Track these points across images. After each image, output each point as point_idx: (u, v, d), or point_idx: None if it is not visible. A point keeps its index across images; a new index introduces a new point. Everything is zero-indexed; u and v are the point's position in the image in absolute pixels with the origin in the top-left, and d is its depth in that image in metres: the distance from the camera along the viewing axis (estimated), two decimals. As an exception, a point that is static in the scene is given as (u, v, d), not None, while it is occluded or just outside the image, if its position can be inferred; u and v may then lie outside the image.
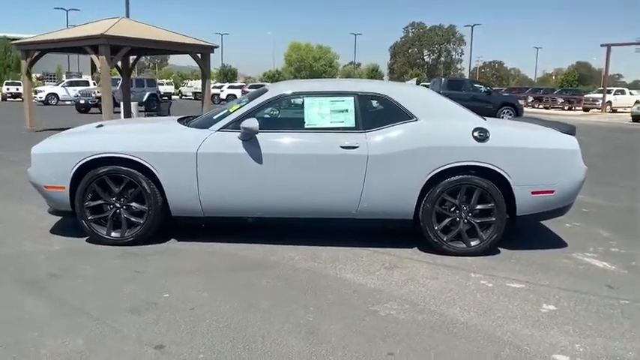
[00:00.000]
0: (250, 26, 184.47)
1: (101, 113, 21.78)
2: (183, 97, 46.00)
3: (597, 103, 36.57)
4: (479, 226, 4.50)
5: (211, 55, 13.81)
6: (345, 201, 4.45)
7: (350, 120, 4.50)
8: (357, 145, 4.38)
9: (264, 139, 4.40)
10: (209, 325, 3.16)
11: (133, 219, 4.52)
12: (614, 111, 36.33)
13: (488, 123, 4.60)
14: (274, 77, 64.60)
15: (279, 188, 4.42)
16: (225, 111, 4.71)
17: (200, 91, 44.89)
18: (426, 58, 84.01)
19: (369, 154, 4.36)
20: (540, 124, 5.03)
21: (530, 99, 40.22)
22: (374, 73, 73.35)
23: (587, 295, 3.79)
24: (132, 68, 15.46)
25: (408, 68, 77.88)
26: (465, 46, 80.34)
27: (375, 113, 4.54)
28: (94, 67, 57.63)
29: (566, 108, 38.68)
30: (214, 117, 4.72)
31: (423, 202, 4.46)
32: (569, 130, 4.67)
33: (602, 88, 38.85)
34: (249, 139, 4.39)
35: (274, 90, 4.65)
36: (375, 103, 4.58)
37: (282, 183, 4.40)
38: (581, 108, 37.49)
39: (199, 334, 3.05)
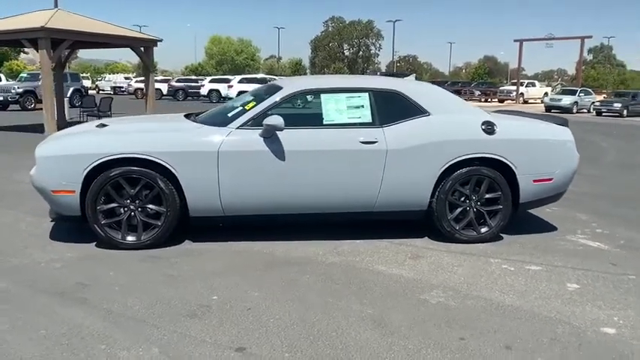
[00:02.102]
0: (169, 18, 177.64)
1: (23, 110, 20.39)
2: (101, 91, 43.67)
3: (511, 95, 39.02)
4: (487, 214, 4.76)
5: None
6: (365, 195, 4.54)
7: (366, 116, 4.59)
8: (375, 140, 4.48)
9: (285, 135, 4.38)
10: (277, 325, 3.15)
11: (149, 221, 4.35)
12: (526, 102, 38.93)
13: (492, 117, 4.86)
14: (197, 70, 63.00)
15: (302, 185, 4.43)
16: (240, 108, 4.64)
17: (120, 85, 43.49)
18: (346, 52, 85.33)
19: (388, 148, 4.48)
20: (535, 118, 5.37)
21: (450, 92, 42.03)
22: (297, 67, 73.52)
23: (598, 273, 4.14)
24: (65, 62, 14.56)
25: (330, 62, 78.80)
26: (382, 40, 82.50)
27: (389, 109, 4.64)
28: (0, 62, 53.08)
29: (482, 100, 40.88)
30: (229, 114, 4.64)
31: (437, 192, 4.65)
32: (563, 122, 5.04)
33: (514, 80, 41.41)
34: (270, 136, 4.36)
35: (291, 86, 4.64)
36: (388, 98, 4.69)
37: (304, 179, 4.42)
38: (496, 100, 39.79)
39: (273, 334, 3.04)
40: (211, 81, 32.99)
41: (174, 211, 4.33)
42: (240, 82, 27.62)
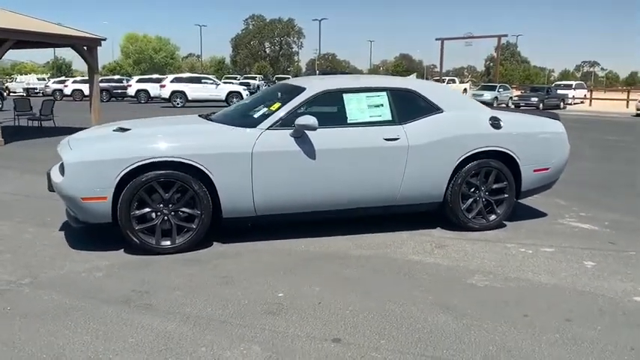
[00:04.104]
0: (84, 15, 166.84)
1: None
2: (12, 93, 40.66)
3: (434, 91, 40.74)
4: (495, 203, 5.13)
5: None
6: (388, 189, 4.75)
7: (386, 114, 4.80)
8: (398, 137, 4.70)
9: (313, 135, 4.49)
10: (355, 315, 3.29)
11: (183, 224, 4.31)
12: (448, 98, 40.85)
13: (496, 112, 5.23)
14: (115, 70, 60.29)
15: (331, 182, 4.56)
16: (266, 109, 4.69)
17: (34, 86, 40.78)
18: (268, 51, 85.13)
19: (409, 144, 4.72)
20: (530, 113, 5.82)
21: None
22: (221, 66, 72.34)
23: (604, 251, 4.61)
24: (-4, 63, 13.56)
25: (252, 61, 78.26)
26: (304, 39, 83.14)
27: (406, 106, 4.87)
28: None
29: (407, 96, 42.39)
30: (254, 115, 4.67)
31: (451, 184, 4.95)
32: (556, 116, 5.52)
33: (436, 77, 43.27)
34: (300, 136, 4.46)
35: (315, 87, 4.74)
36: (404, 97, 4.91)
37: (333, 177, 4.56)
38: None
39: (358, 324, 3.17)
40: (139, 81, 31.79)
41: (207, 213, 4.32)
42: (173, 81, 26.82)
